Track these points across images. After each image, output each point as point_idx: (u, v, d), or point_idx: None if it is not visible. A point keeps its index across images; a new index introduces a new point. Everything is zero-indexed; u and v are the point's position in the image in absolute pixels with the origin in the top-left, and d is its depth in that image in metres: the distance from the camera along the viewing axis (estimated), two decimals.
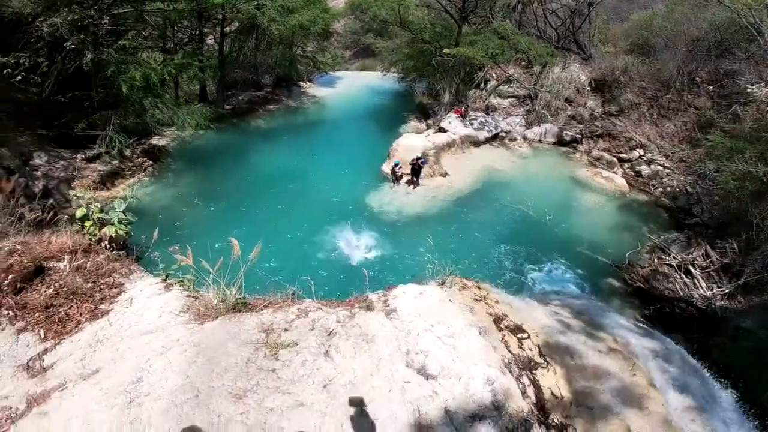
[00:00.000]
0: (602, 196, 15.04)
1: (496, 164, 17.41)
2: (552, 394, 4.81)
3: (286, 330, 5.17)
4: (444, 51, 19.09)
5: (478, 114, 19.99)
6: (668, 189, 14.89)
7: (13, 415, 4.10)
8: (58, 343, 4.89)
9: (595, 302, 8.91)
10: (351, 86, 28.20)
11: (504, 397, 4.44)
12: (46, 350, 4.81)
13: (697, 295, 9.67)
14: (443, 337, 5.25)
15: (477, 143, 18.75)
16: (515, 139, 19.15)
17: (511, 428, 4.19)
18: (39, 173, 11.57)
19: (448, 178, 15.94)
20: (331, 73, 29.70)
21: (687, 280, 10.22)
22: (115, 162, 13.23)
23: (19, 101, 12.62)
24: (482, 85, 22.04)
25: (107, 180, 12.78)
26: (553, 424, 4.50)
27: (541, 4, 21.29)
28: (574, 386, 5.02)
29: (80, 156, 12.90)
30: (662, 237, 12.20)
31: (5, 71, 11.47)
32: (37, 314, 5.15)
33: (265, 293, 6.26)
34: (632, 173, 16.28)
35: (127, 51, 13.32)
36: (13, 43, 11.97)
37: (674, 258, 10.98)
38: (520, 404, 4.47)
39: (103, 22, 12.35)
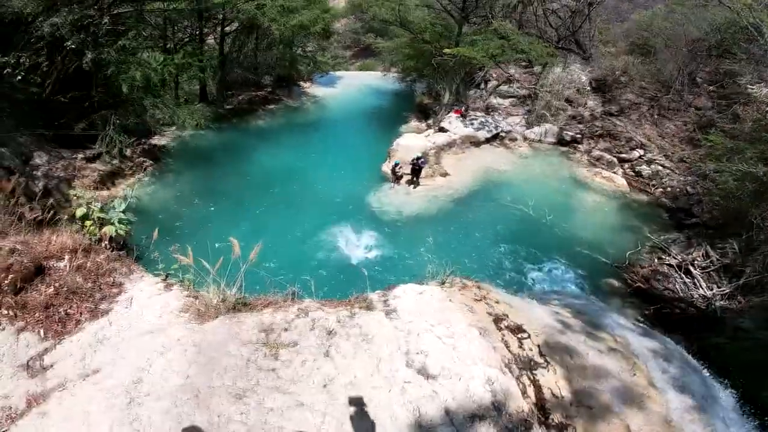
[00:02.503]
0: (602, 196, 15.02)
1: (497, 164, 17.38)
2: (552, 394, 4.81)
3: (286, 330, 5.18)
4: (444, 51, 19.06)
5: (479, 114, 19.97)
6: (668, 189, 14.89)
7: (13, 414, 4.11)
8: (59, 343, 4.89)
9: (595, 302, 8.91)
10: (351, 86, 28.17)
11: (504, 397, 4.44)
12: (46, 350, 4.81)
13: (696, 295, 9.68)
14: (443, 337, 5.25)
15: (477, 143, 18.70)
16: (515, 139, 19.11)
17: (511, 428, 4.18)
18: (39, 173, 11.56)
19: (448, 178, 15.91)
20: (331, 72, 29.69)
21: (687, 280, 10.22)
22: (115, 162, 13.22)
23: (19, 101, 12.61)
24: (482, 85, 22.02)
25: (107, 180, 12.77)
26: (553, 423, 4.50)
27: (541, 4, 21.21)
28: (574, 386, 5.02)
29: (80, 156, 12.88)
30: (662, 237, 12.20)
31: (5, 71, 11.45)
32: (37, 314, 5.15)
33: (265, 293, 6.28)
34: (632, 173, 16.26)
35: (128, 51, 13.28)
36: (13, 42, 11.94)
37: (674, 258, 10.98)
38: (520, 404, 4.47)
39: (103, 22, 12.33)
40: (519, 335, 5.83)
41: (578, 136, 18.52)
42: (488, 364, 4.81)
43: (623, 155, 16.90)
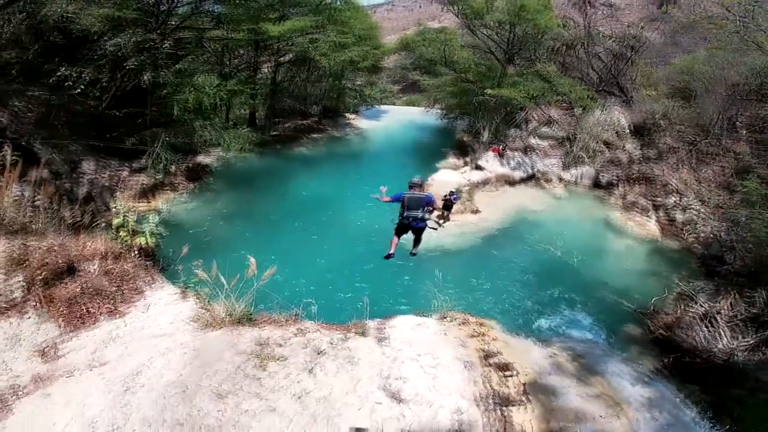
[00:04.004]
0: (633, 241, 14.71)
1: (529, 204, 17.36)
2: (522, 430, 4.92)
3: (280, 345, 5.56)
4: (486, 91, 19.44)
5: (516, 154, 20.04)
6: (701, 236, 14.40)
7: (19, 392, 4.68)
8: (75, 336, 5.48)
9: (601, 347, 8.78)
10: (395, 120, 28.87)
11: (468, 428, 4.61)
12: (62, 340, 5.39)
13: (719, 347, 9.37)
14: (426, 367, 5.47)
15: (512, 182, 18.77)
16: (551, 180, 19.05)
17: None
18: (85, 179, 12.45)
19: (479, 215, 15.99)
20: (377, 106, 30.53)
21: (710, 331, 9.92)
22: (159, 176, 14.06)
23: (76, 112, 13.71)
24: (522, 125, 22.19)
25: (149, 192, 13.58)
26: None
27: (584, 48, 21.37)
28: (549, 426, 5.08)
29: (126, 168, 13.78)
30: (691, 284, 11.82)
31: (67, 83, 12.43)
32: (61, 307, 5.77)
33: (272, 311, 6.70)
34: (666, 219, 15.80)
35: (184, 74, 14.17)
36: (77, 57, 12.95)
37: (700, 307, 10.65)
38: None
39: (164, 45, 13.26)
40: (504, 372, 5.95)
41: (614, 179, 18.25)
42: (462, 396, 4.99)
43: (658, 200, 16.47)
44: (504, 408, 5.14)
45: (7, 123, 11.76)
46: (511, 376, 5.92)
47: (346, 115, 27.71)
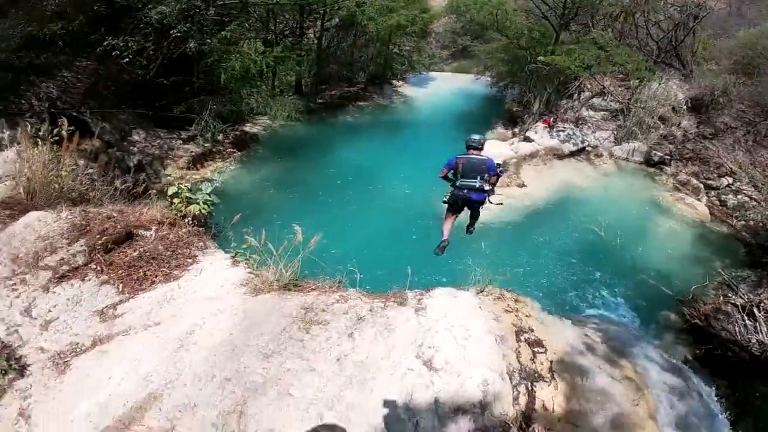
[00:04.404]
0: (681, 223, 14.30)
1: (577, 180, 17.03)
2: (543, 406, 5.14)
3: (323, 311, 5.98)
4: (538, 58, 18.88)
5: (567, 126, 19.50)
6: (751, 222, 13.88)
7: (77, 350, 5.35)
8: (132, 298, 6.05)
9: (634, 331, 8.80)
10: (443, 88, 28.47)
11: (493, 399, 4.90)
12: (120, 302, 5.99)
13: (754, 340, 9.20)
14: (458, 338, 5.74)
15: (561, 156, 18.36)
16: (601, 155, 18.53)
17: (488, 426, 4.66)
18: (135, 149, 13.05)
19: (525, 189, 15.80)
20: (425, 73, 30.07)
21: (748, 323, 9.71)
22: (207, 145, 14.59)
23: (124, 81, 14.23)
24: (575, 96, 21.51)
25: (198, 161, 14.19)
26: None
27: (644, 15, 20.28)
28: (570, 405, 5.28)
29: (176, 137, 14.34)
30: (734, 273, 11.52)
31: (114, 53, 12.83)
32: (120, 271, 6.36)
33: (316, 278, 7.07)
34: (717, 202, 15.22)
35: (229, 41, 14.35)
36: (122, 27, 13.29)
37: (740, 297, 10.41)
38: (506, 408, 4.90)
39: (209, 12, 13.42)
40: (535, 349, 6.14)
41: (667, 157, 17.59)
42: (490, 368, 5.24)
43: (711, 182, 15.86)
44: (531, 383, 5.38)
45: (57, 94, 12.34)
46: (541, 353, 6.09)
47: (393, 82, 27.53)
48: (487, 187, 7.38)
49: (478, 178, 7.29)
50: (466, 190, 7.30)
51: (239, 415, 4.50)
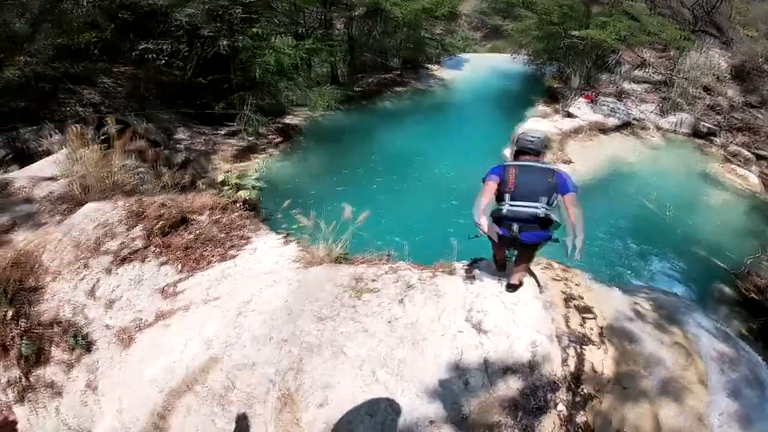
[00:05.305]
0: (732, 195, 13.84)
1: (624, 154, 16.66)
2: (593, 369, 5.16)
3: (373, 280, 6.23)
4: (572, 33, 18.51)
5: (609, 100, 19.07)
6: None
7: (141, 325, 5.78)
8: (191, 276, 6.46)
9: (685, 302, 8.55)
10: (479, 68, 28.10)
11: (542, 360, 5.01)
12: (180, 280, 6.40)
13: None
14: (507, 303, 5.86)
15: (605, 130, 17.98)
16: (647, 128, 18.02)
17: (537, 386, 4.78)
18: (181, 146, 13.62)
19: (571, 165, 15.54)
20: (460, 55, 29.70)
21: None
22: (251, 139, 15.07)
23: (164, 83, 14.81)
24: (615, 69, 20.96)
25: (242, 154, 14.70)
26: (582, 393, 4.89)
27: None
28: (619, 368, 5.27)
29: (219, 132, 14.84)
30: None
31: (149, 56, 13.32)
32: (178, 252, 6.78)
33: (364, 252, 7.30)
34: None
35: (261, 37, 14.68)
36: (150, 31, 13.78)
37: None
38: (555, 369, 5.00)
39: (236, 10, 13.75)
40: (584, 315, 6.15)
41: (715, 128, 16.95)
42: (539, 331, 5.34)
43: (762, 152, 15.27)
44: (580, 346, 5.40)
45: (100, 100, 12.94)
46: (590, 318, 6.10)
47: (428, 66, 27.30)
48: (553, 217, 4.85)
49: (540, 202, 4.80)
50: (516, 226, 4.88)
51: (296, 372, 4.81)
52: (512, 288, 5.88)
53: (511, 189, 4.85)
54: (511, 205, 4.86)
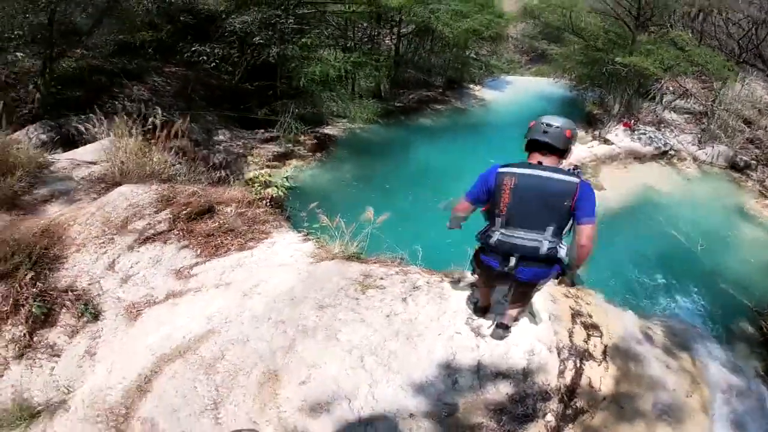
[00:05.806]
0: (766, 232, 13.46)
1: (657, 184, 16.43)
2: (590, 384, 5.15)
3: (381, 279, 6.40)
4: (616, 60, 18.44)
5: (648, 128, 18.86)
6: None
7: (151, 302, 6.07)
8: (208, 261, 6.77)
9: (701, 333, 8.33)
10: (520, 91, 28.10)
11: (536, 369, 5.03)
12: (196, 264, 6.74)
13: None
14: None
15: (641, 159, 17.80)
16: (684, 159, 17.71)
17: (528, 394, 4.79)
18: (221, 147, 14.14)
19: (603, 192, 15.47)
20: (503, 77, 29.80)
21: None
22: (289, 145, 15.62)
23: (211, 85, 15.47)
24: (657, 98, 20.68)
25: (278, 160, 15.23)
26: (574, 406, 4.89)
27: (722, 14, 19.21)
28: (619, 387, 5.24)
29: (258, 137, 15.37)
30: None
31: (201, 58, 13.98)
32: (199, 238, 7.16)
33: (379, 254, 7.48)
34: None
35: (309, 48, 15.21)
36: (207, 35, 14.45)
37: None
38: (549, 379, 5.00)
39: (289, 21, 14.33)
40: (589, 332, 6.13)
41: (753, 161, 16.55)
42: (539, 340, 5.36)
43: None
44: (580, 360, 5.39)
45: (148, 96, 13.65)
46: (596, 336, 6.08)
47: (470, 86, 27.48)
48: (561, 253, 3.61)
49: (546, 232, 3.51)
50: (513, 259, 3.61)
51: (286, 351, 5.02)
52: (502, 329, 4.85)
53: (502, 212, 3.56)
54: (503, 234, 3.62)
